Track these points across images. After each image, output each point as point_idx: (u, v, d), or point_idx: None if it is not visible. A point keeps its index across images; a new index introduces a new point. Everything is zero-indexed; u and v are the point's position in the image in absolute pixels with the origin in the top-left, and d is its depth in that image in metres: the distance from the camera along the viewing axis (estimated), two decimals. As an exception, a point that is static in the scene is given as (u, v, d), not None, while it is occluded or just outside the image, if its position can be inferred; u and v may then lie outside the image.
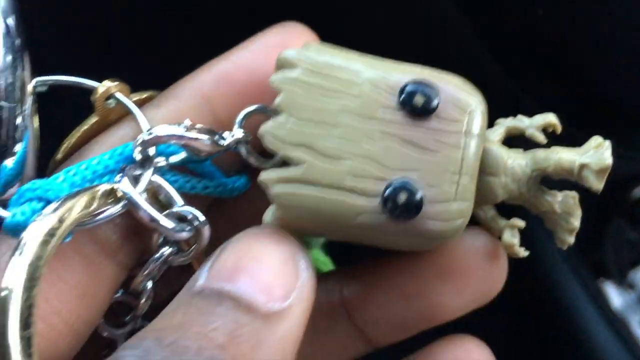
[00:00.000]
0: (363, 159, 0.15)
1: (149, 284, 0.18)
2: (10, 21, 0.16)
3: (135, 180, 0.16)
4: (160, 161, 0.17)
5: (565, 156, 0.16)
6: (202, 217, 0.17)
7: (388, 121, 0.15)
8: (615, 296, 0.39)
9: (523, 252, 0.17)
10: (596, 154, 0.16)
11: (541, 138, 0.17)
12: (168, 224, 0.16)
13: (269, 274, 0.14)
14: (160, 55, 0.28)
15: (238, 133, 0.17)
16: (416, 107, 0.15)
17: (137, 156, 0.16)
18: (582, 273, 0.35)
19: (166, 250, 0.17)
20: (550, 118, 0.18)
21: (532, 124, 0.18)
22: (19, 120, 0.16)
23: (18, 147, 0.16)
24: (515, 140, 0.18)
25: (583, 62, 0.27)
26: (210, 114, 0.17)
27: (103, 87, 0.17)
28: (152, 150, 0.16)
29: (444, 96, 0.15)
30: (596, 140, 0.17)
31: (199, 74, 0.18)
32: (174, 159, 0.17)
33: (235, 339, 0.13)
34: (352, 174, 0.15)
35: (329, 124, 0.15)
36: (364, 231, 0.15)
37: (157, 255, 0.17)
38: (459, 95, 0.16)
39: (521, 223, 0.17)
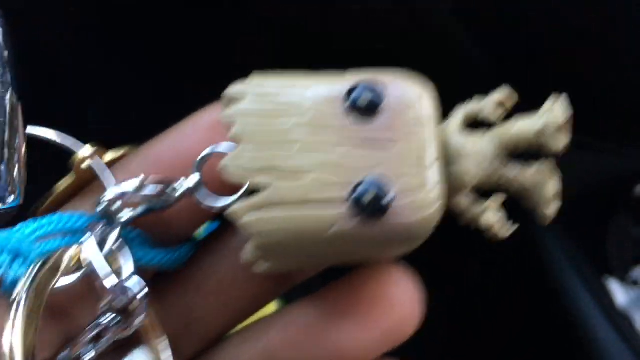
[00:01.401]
0: (324, 168, 0.15)
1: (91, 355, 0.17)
2: (-3, 35, 0.17)
3: (102, 240, 0.16)
4: (124, 215, 0.17)
5: (522, 125, 0.16)
6: (144, 291, 0.16)
7: (341, 127, 0.15)
8: (619, 293, 0.39)
9: (506, 230, 0.17)
10: (550, 114, 0.16)
11: (498, 115, 0.17)
12: (115, 295, 0.16)
13: None
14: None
15: (193, 178, 0.17)
16: (363, 106, 0.15)
17: (101, 214, 0.16)
18: (584, 270, 0.34)
19: (108, 317, 0.16)
20: (503, 92, 0.17)
21: (488, 103, 0.17)
22: (6, 137, 0.16)
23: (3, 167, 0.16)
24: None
25: (574, 58, 0.27)
26: None
27: (82, 154, 0.17)
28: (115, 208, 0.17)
29: (389, 90, 0.16)
30: (552, 100, 0.16)
31: (122, 164, 0.18)
32: (135, 212, 0.17)
33: None
34: (316, 186, 0.15)
35: (285, 142, 0.15)
36: (341, 243, 0.15)
37: (99, 320, 0.16)
38: (405, 86, 0.16)
39: (499, 200, 0.17)
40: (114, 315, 0.17)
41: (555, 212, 0.17)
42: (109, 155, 0.17)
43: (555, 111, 0.16)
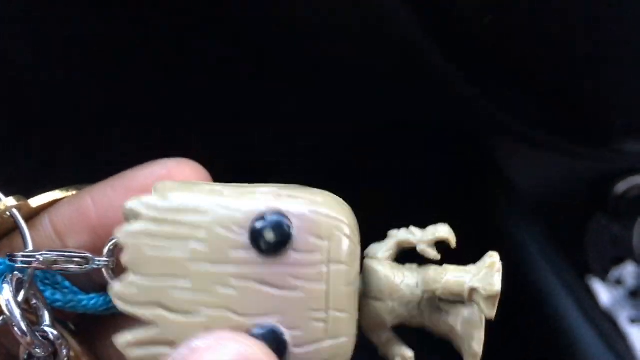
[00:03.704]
0: (218, 308, 0.14)
1: None
2: None
3: (17, 288, 0.16)
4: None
5: (453, 279, 0.15)
6: (59, 339, 0.16)
7: (241, 262, 0.14)
8: (603, 293, 0.39)
9: None
10: (486, 278, 0.15)
11: (433, 254, 0.16)
12: (31, 341, 0.16)
13: None
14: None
15: (102, 261, 0.16)
16: (268, 243, 0.14)
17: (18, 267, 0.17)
18: (564, 272, 0.34)
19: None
20: (441, 233, 0.16)
21: (423, 239, 0.16)
22: None
23: None
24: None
25: (547, 68, 0.27)
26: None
27: (3, 205, 0.17)
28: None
29: (298, 224, 0.14)
30: (490, 258, 0.15)
31: (58, 207, 0.18)
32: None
33: None
34: (209, 327, 0.14)
35: (179, 275, 0.14)
36: None
37: None
38: (316, 220, 0.14)
39: (410, 354, 0.16)
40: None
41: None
42: (38, 200, 0.18)
43: (492, 279, 0.15)
